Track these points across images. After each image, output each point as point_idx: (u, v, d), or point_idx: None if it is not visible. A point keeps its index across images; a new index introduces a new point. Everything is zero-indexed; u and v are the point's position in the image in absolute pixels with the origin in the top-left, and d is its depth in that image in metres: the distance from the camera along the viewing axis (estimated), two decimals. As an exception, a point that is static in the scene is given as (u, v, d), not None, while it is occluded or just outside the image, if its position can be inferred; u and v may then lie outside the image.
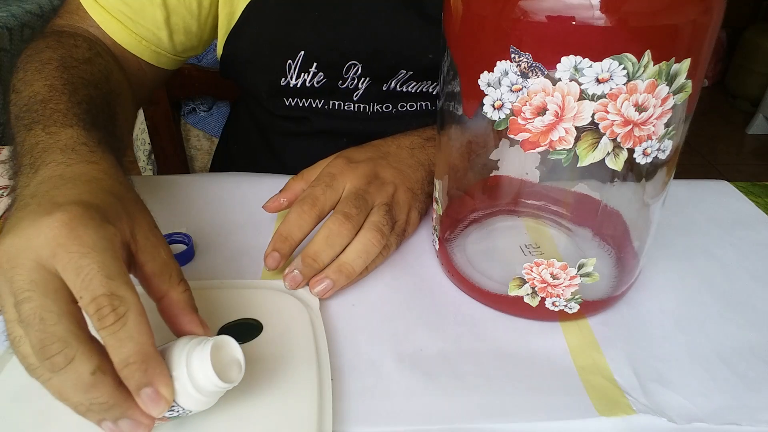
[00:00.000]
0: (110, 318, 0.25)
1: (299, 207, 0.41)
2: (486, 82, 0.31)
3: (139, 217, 0.31)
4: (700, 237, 0.48)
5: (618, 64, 0.28)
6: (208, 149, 0.97)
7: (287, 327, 0.36)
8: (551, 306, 0.37)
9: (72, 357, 0.25)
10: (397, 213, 0.44)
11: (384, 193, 0.44)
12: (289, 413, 0.30)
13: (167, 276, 0.30)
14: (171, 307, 0.30)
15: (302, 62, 0.56)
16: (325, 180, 0.43)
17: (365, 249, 0.40)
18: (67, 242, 0.26)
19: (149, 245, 0.30)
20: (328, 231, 0.40)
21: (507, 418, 0.32)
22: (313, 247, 0.40)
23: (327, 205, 0.42)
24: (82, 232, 0.26)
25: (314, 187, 0.42)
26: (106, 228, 0.27)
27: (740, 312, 0.40)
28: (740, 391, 0.34)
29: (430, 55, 0.55)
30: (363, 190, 0.43)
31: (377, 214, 0.42)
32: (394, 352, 0.36)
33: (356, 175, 0.44)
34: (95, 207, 0.28)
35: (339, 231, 0.40)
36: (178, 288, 0.30)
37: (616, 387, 0.34)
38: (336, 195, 0.43)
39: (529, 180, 0.44)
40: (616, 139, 0.30)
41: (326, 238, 0.40)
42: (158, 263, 0.30)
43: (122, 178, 0.33)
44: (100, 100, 0.43)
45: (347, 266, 0.40)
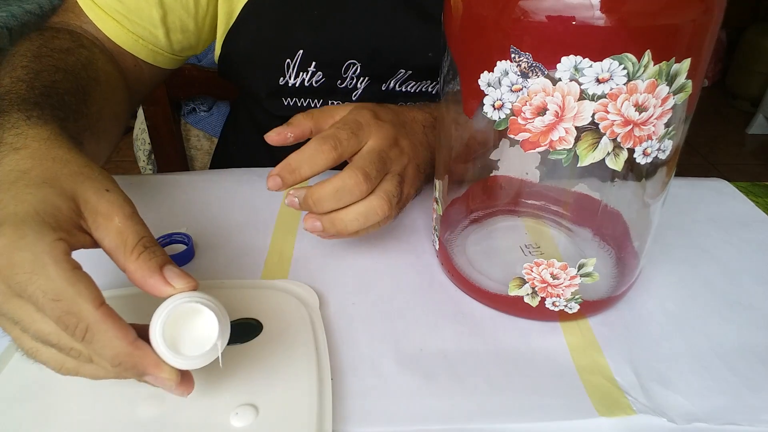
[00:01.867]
0: (78, 335, 0.26)
1: (319, 144, 0.38)
2: (486, 82, 0.31)
3: (84, 191, 0.29)
4: (700, 237, 0.48)
5: (618, 64, 0.28)
6: (208, 149, 0.97)
7: (287, 327, 0.36)
8: (551, 306, 0.37)
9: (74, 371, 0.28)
10: (405, 185, 0.43)
11: (400, 163, 0.42)
12: (289, 413, 0.30)
13: (122, 248, 0.29)
14: (133, 280, 0.29)
15: (301, 61, 0.55)
16: (351, 126, 0.40)
17: (366, 214, 0.39)
18: (9, 273, 0.25)
19: (99, 218, 0.29)
20: (342, 185, 0.38)
21: (507, 418, 0.32)
22: (320, 193, 0.38)
23: (347, 152, 0.39)
24: (18, 258, 0.25)
25: (339, 130, 0.40)
26: (43, 238, 0.26)
27: (740, 312, 0.40)
28: (740, 391, 0.34)
29: (430, 54, 0.55)
30: (385, 152, 0.41)
31: (391, 182, 0.40)
32: (394, 352, 0.36)
33: (382, 134, 0.41)
34: (26, 219, 0.27)
35: (352, 189, 0.38)
36: (131, 259, 0.28)
37: (616, 387, 0.34)
38: (358, 146, 0.40)
39: (529, 180, 0.44)
40: (617, 139, 0.30)
41: (336, 191, 0.38)
42: (112, 235, 0.29)
43: (58, 150, 0.31)
44: (69, 84, 0.41)
45: (341, 223, 0.39)
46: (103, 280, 0.43)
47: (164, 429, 0.30)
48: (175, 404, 0.31)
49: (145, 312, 0.38)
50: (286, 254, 0.45)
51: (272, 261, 0.45)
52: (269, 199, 0.53)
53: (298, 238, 0.47)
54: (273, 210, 0.51)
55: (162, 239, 0.45)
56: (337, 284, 0.42)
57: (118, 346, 0.26)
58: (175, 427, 0.30)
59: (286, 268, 0.44)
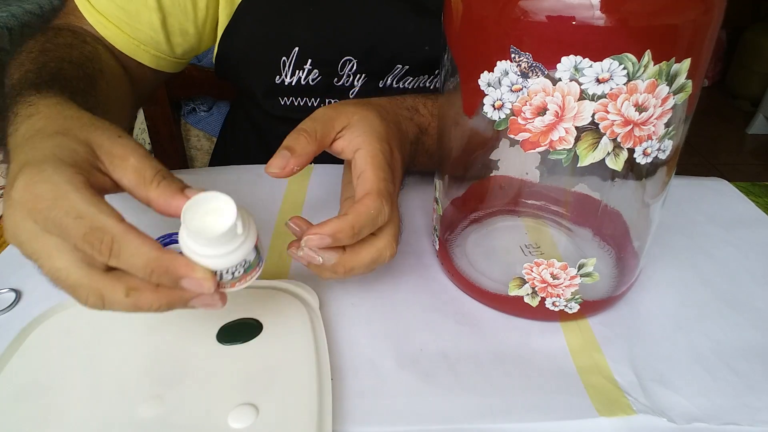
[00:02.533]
0: (105, 250, 0.26)
1: (383, 204, 0.34)
2: (486, 82, 0.31)
3: (97, 137, 0.30)
4: (700, 237, 0.48)
5: (618, 64, 0.28)
6: (208, 149, 0.97)
7: (287, 327, 0.36)
8: (551, 306, 0.37)
9: (100, 295, 0.27)
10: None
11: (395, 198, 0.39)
12: (289, 413, 0.30)
13: (141, 181, 0.30)
14: (159, 208, 0.30)
15: (297, 59, 0.55)
16: (389, 198, 0.36)
17: (374, 262, 0.36)
18: (33, 205, 0.26)
19: (116, 160, 0.30)
20: (378, 255, 0.35)
21: (507, 418, 0.32)
22: (355, 263, 0.35)
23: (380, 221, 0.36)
24: (40, 189, 0.26)
25: (391, 184, 0.36)
26: (61, 173, 0.27)
27: (740, 312, 0.40)
28: (740, 391, 0.34)
29: (426, 48, 0.55)
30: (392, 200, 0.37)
31: (395, 227, 0.37)
32: (394, 352, 0.36)
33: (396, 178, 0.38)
34: (45, 159, 0.28)
35: (384, 259, 0.36)
36: (151, 188, 0.30)
37: (616, 387, 0.34)
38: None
39: (529, 180, 0.44)
40: (617, 139, 0.30)
41: (372, 262, 0.35)
42: (129, 174, 0.30)
43: (69, 111, 0.32)
44: (76, 72, 0.42)
45: (347, 270, 0.36)
46: (103, 280, 0.43)
47: (164, 429, 0.30)
48: (175, 404, 0.31)
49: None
50: (286, 254, 0.45)
51: (272, 261, 0.45)
52: (269, 199, 0.53)
53: (298, 238, 0.47)
54: (273, 210, 0.51)
55: (162, 239, 0.45)
56: (337, 284, 0.42)
57: (146, 252, 0.27)
58: (175, 427, 0.30)
59: (286, 268, 0.44)
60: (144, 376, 0.33)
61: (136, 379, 0.33)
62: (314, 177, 0.56)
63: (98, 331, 0.36)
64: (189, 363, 0.34)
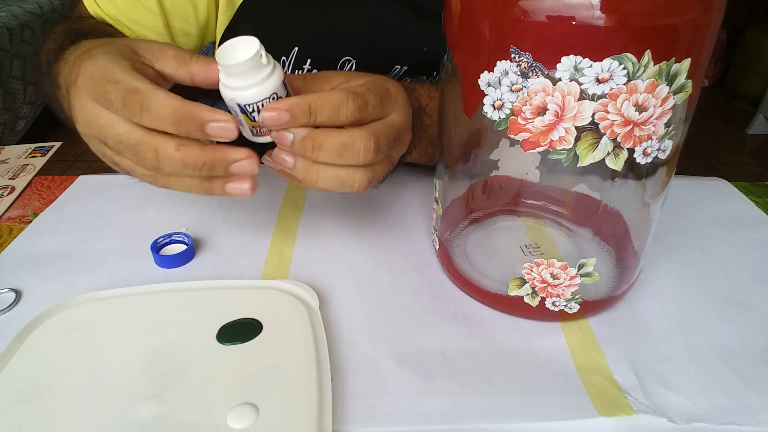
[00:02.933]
0: (136, 108, 0.30)
1: (346, 99, 0.34)
2: (486, 82, 0.31)
3: (137, 44, 0.35)
4: (700, 237, 0.48)
5: (618, 64, 0.28)
6: (208, 149, 0.97)
7: (287, 327, 0.36)
8: (551, 306, 0.37)
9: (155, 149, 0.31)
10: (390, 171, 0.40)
11: (400, 149, 0.39)
12: (289, 413, 0.30)
13: (181, 62, 0.35)
14: (200, 78, 0.35)
15: (296, 59, 0.56)
16: (381, 93, 0.36)
17: (343, 184, 0.35)
18: (87, 84, 0.32)
19: (156, 53, 0.35)
20: (351, 144, 0.34)
21: (507, 418, 0.32)
22: (325, 140, 0.34)
23: (368, 119, 0.36)
24: (92, 70, 0.32)
25: (370, 93, 0.35)
26: (109, 57, 0.33)
27: (740, 312, 0.40)
28: (740, 391, 0.34)
29: (425, 48, 0.55)
30: (401, 133, 0.37)
31: (383, 166, 0.37)
32: (394, 352, 0.36)
33: (405, 113, 0.38)
34: (96, 55, 0.33)
35: (358, 154, 0.34)
36: (192, 63, 0.35)
37: (616, 387, 0.34)
38: (380, 116, 0.36)
39: (529, 180, 0.44)
40: (617, 139, 0.30)
41: (343, 147, 0.34)
42: (169, 60, 0.35)
43: (108, 44, 0.36)
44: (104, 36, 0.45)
45: (315, 176, 0.35)
46: (104, 280, 0.43)
47: (164, 429, 0.30)
48: (175, 404, 0.31)
49: (145, 312, 0.38)
50: (286, 254, 0.45)
51: (272, 261, 0.45)
52: (269, 199, 0.53)
53: (298, 238, 0.47)
54: (273, 210, 0.51)
55: (162, 239, 0.45)
56: (337, 284, 0.42)
57: (171, 103, 0.30)
58: (175, 427, 0.30)
59: (286, 268, 0.44)
60: (144, 376, 0.33)
61: (136, 379, 0.33)
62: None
63: (98, 331, 0.36)
64: (189, 363, 0.34)
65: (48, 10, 2.35)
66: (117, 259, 0.45)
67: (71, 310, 0.38)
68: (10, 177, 0.57)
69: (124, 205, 0.52)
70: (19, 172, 0.58)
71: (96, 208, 0.52)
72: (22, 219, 0.51)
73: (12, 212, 0.52)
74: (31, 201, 0.53)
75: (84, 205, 0.52)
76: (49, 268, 0.44)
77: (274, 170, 0.36)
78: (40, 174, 0.58)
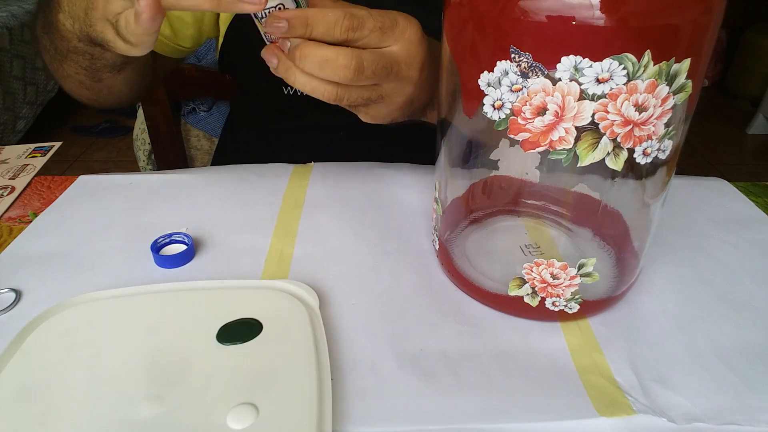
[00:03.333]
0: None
1: (342, 17, 0.36)
2: (486, 82, 0.31)
3: None
4: (700, 237, 0.48)
5: (618, 64, 0.28)
6: (208, 149, 0.97)
7: (287, 327, 0.36)
8: (551, 306, 0.37)
9: None
10: (380, 107, 0.42)
11: (400, 88, 0.41)
12: (289, 413, 0.30)
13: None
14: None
15: None
16: (384, 21, 0.38)
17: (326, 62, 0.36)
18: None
19: None
20: (333, 60, 0.36)
21: (507, 418, 0.32)
22: (311, 52, 0.36)
23: (361, 43, 0.38)
24: None
25: (370, 17, 0.37)
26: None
27: (740, 312, 0.40)
28: (740, 391, 0.34)
29: None
30: (398, 67, 0.39)
31: (370, 92, 0.39)
32: (394, 352, 0.36)
33: (411, 51, 0.39)
34: None
35: (338, 71, 0.36)
36: None
37: (616, 387, 0.34)
38: (377, 44, 0.38)
39: (529, 180, 0.44)
40: (616, 139, 0.30)
41: (326, 61, 0.36)
42: None
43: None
44: None
45: (291, 78, 0.38)
46: (104, 280, 0.43)
47: (164, 429, 0.30)
48: (175, 404, 0.31)
49: (145, 312, 0.38)
50: (286, 254, 0.45)
51: (272, 261, 0.45)
52: (269, 199, 0.53)
53: (298, 238, 0.47)
54: (273, 210, 0.51)
55: (162, 239, 0.45)
56: (337, 284, 0.42)
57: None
58: (175, 427, 0.30)
59: (286, 268, 0.44)
60: (144, 376, 0.33)
61: (136, 379, 0.33)
62: (314, 175, 0.56)
63: (98, 331, 0.36)
64: (189, 363, 0.34)
65: (48, 10, 2.35)
66: (117, 259, 0.45)
67: (71, 310, 0.38)
68: (10, 177, 0.57)
69: (124, 205, 0.52)
70: (19, 172, 0.58)
71: (96, 208, 0.52)
72: (22, 219, 0.51)
73: (12, 212, 0.52)
74: (31, 201, 0.53)
75: (84, 205, 0.52)
76: (49, 268, 0.44)
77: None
78: (40, 174, 0.58)
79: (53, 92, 2.41)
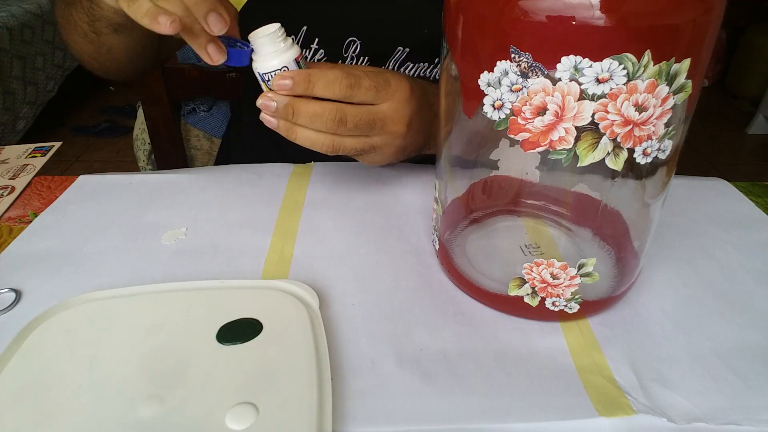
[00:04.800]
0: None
1: (342, 77, 0.41)
2: (486, 82, 0.31)
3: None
4: (700, 237, 0.48)
5: (618, 64, 0.28)
6: (208, 149, 0.97)
7: (287, 327, 0.36)
8: (551, 306, 0.37)
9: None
10: (373, 155, 0.46)
11: (388, 140, 0.45)
12: (289, 413, 0.30)
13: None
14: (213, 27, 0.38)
15: (304, 38, 0.58)
16: (379, 80, 0.43)
17: (312, 143, 0.43)
18: None
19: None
20: (321, 114, 0.41)
21: (507, 418, 0.32)
22: (302, 108, 0.41)
23: (357, 100, 0.42)
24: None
25: (367, 76, 0.42)
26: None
27: (740, 312, 0.40)
28: (740, 391, 0.34)
29: (425, 30, 0.56)
30: (382, 122, 0.43)
31: (358, 142, 0.44)
32: (394, 352, 0.36)
33: (400, 110, 0.44)
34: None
35: (326, 123, 0.41)
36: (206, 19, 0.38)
37: (616, 387, 0.34)
38: (371, 101, 0.43)
39: (529, 180, 0.44)
40: (616, 139, 0.30)
41: (314, 116, 0.41)
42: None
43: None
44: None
45: (292, 135, 0.43)
46: (104, 280, 0.43)
47: (164, 429, 0.30)
48: (175, 404, 0.31)
49: (145, 312, 0.38)
50: (286, 254, 0.45)
51: (272, 261, 0.45)
52: (269, 199, 0.53)
53: (298, 238, 0.47)
54: (273, 210, 0.51)
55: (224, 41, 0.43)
56: (337, 284, 0.42)
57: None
58: (175, 427, 0.30)
59: (286, 268, 0.44)
60: (144, 376, 0.33)
61: (136, 378, 0.33)
62: (314, 175, 0.56)
63: (98, 331, 0.36)
64: (189, 363, 0.34)
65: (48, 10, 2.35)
66: (117, 259, 0.45)
67: (71, 310, 0.38)
68: (10, 177, 0.57)
69: (124, 205, 0.52)
70: (19, 172, 0.58)
71: (96, 208, 0.52)
72: (22, 219, 0.51)
73: (12, 212, 0.52)
74: (31, 201, 0.53)
75: (84, 205, 0.52)
76: (49, 268, 0.44)
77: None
78: (40, 174, 0.58)
79: (53, 92, 2.41)
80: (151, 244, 0.47)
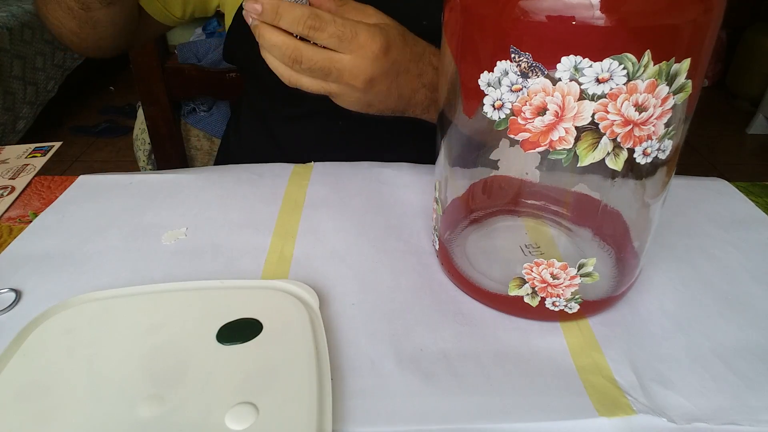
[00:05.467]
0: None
1: (308, 17, 0.41)
2: (486, 82, 0.31)
3: None
4: (700, 237, 0.48)
5: (618, 64, 0.28)
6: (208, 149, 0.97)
7: (287, 327, 0.36)
8: (551, 306, 0.37)
9: None
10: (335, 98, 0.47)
11: (347, 91, 0.45)
12: (289, 413, 0.30)
13: None
14: None
15: None
16: (346, 31, 0.42)
17: (274, 68, 0.44)
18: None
19: None
20: (279, 44, 0.42)
21: (507, 418, 0.32)
22: (265, 33, 0.42)
23: (320, 42, 0.42)
24: None
25: (335, 23, 0.42)
26: None
27: (740, 312, 0.40)
28: (740, 391, 0.34)
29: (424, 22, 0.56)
30: (339, 72, 0.43)
31: (312, 82, 0.44)
32: (394, 352, 0.36)
33: (362, 66, 0.44)
34: None
35: (280, 54, 0.42)
36: None
37: (616, 387, 0.34)
38: (333, 47, 0.43)
39: (529, 180, 0.44)
40: (616, 139, 0.30)
41: (273, 45, 0.42)
42: None
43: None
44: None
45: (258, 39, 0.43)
46: (104, 280, 0.43)
47: (164, 429, 0.30)
48: (175, 404, 0.31)
49: (145, 312, 0.38)
50: (286, 254, 0.45)
51: (272, 261, 0.45)
52: (269, 198, 0.53)
53: (298, 238, 0.47)
54: (273, 210, 0.51)
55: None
56: (337, 284, 0.42)
57: None
58: (175, 427, 0.30)
59: (286, 268, 0.44)
60: (144, 375, 0.33)
61: (136, 379, 0.33)
62: (314, 175, 0.56)
63: (98, 331, 0.36)
64: (189, 363, 0.34)
65: (48, 10, 2.35)
66: (117, 259, 0.45)
67: (71, 310, 0.38)
68: (10, 177, 0.57)
69: (124, 205, 0.52)
70: (19, 172, 0.58)
71: (96, 208, 0.52)
72: (22, 219, 0.51)
73: (12, 212, 0.52)
74: (31, 201, 0.53)
75: (84, 205, 0.52)
76: (49, 268, 0.44)
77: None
78: (40, 174, 0.58)
79: (53, 92, 2.41)
80: (151, 244, 0.47)
